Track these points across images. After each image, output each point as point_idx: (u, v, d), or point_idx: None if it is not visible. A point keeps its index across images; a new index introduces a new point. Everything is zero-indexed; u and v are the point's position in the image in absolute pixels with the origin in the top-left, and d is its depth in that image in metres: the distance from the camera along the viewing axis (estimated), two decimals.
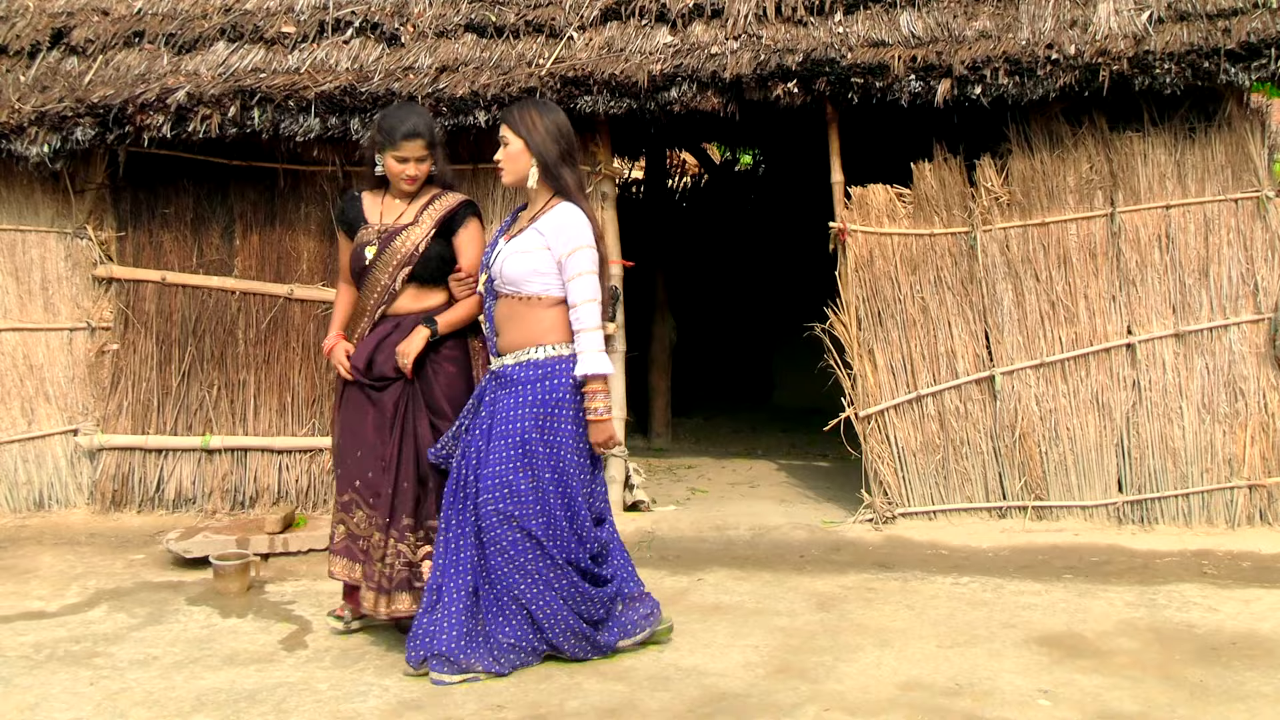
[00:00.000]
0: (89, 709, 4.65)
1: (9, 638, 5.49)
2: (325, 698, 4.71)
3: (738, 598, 5.90)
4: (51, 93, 7.13)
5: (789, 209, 12.03)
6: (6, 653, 5.29)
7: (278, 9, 7.53)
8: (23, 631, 5.58)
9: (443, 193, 5.34)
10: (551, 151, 4.88)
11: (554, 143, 4.89)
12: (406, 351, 5.10)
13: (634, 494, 7.38)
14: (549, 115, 4.95)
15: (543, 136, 4.89)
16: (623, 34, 7.15)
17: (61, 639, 5.48)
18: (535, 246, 4.84)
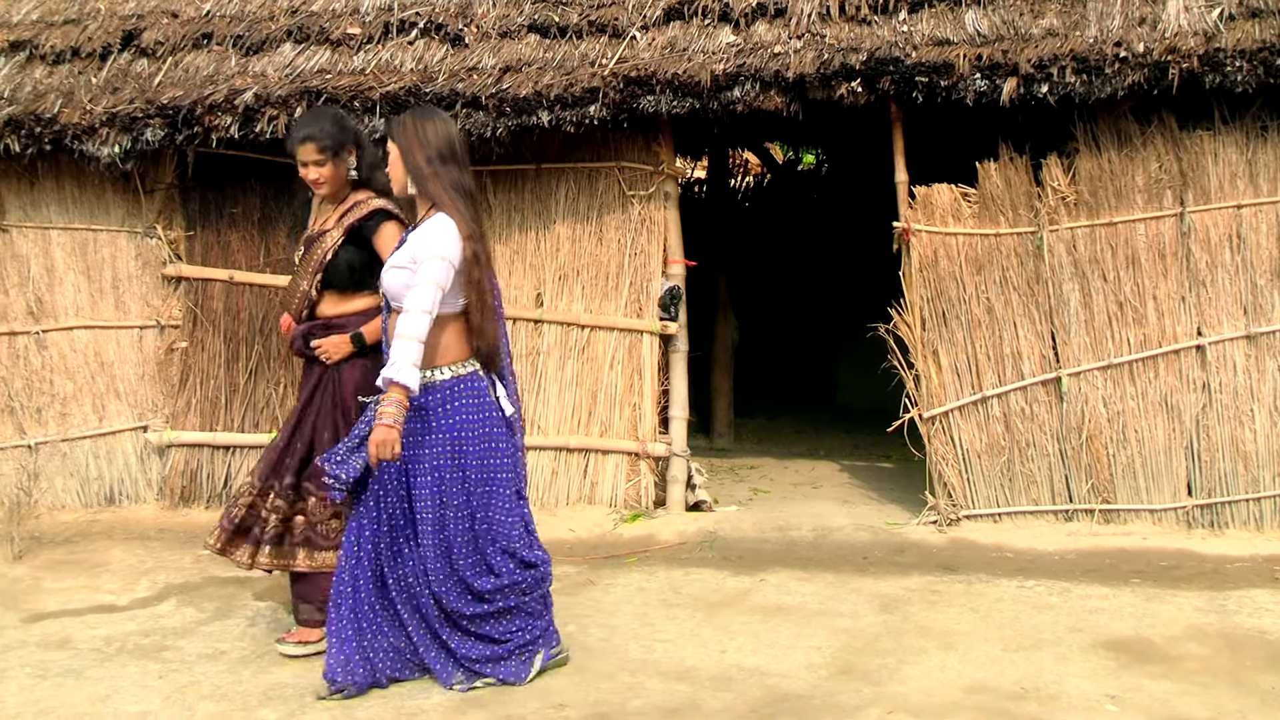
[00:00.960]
0: (158, 702, 4.71)
1: (80, 631, 5.58)
2: (390, 694, 4.75)
3: (800, 599, 5.88)
4: (122, 94, 7.23)
5: (852, 208, 11.97)
6: (78, 645, 5.38)
7: (343, 10, 7.59)
8: (94, 625, 5.67)
9: (367, 200, 5.25)
10: (418, 160, 4.74)
11: (421, 150, 4.74)
12: (327, 351, 5.19)
13: (696, 494, 7.37)
14: (424, 122, 4.81)
15: (410, 144, 4.78)
16: (685, 33, 7.15)
17: (131, 632, 5.56)
18: (406, 260, 4.72)
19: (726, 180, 12.43)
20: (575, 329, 7.39)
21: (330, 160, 5.20)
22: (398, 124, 4.85)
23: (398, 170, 4.83)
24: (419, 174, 4.74)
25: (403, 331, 4.51)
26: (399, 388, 4.48)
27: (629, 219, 7.36)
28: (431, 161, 4.73)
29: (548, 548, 6.73)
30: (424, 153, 4.74)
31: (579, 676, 4.90)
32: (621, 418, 7.38)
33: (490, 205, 7.42)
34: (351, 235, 5.19)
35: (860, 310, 8.58)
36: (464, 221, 4.67)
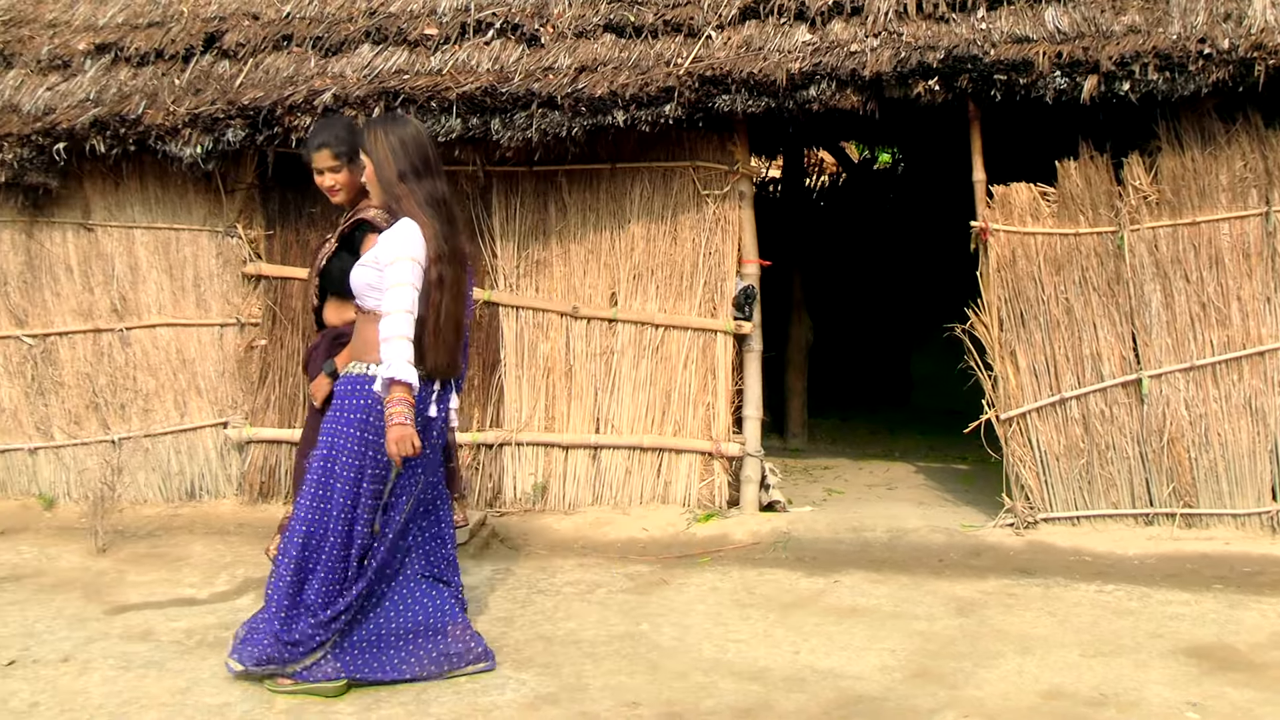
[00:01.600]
0: (237, 694, 4.77)
1: (162, 623, 5.68)
2: (464, 690, 4.78)
3: (875, 600, 5.85)
4: (204, 95, 7.33)
5: (929, 208, 11.88)
6: (160, 638, 5.47)
7: (421, 11, 7.65)
8: (175, 617, 5.76)
9: (366, 207, 5.24)
10: (390, 175, 4.78)
11: (394, 165, 4.77)
12: (314, 395, 5.38)
13: (770, 494, 7.35)
14: (393, 131, 4.82)
15: (383, 154, 4.80)
16: (761, 32, 7.12)
17: (211, 625, 5.65)
18: (371, 261, 4.77)
19: (802, 179, 12.38)
20: (649, 328, 7.39)
21: (345, 166, 5.28)
22: (367, 135, 4.87)
23: (373, 184, 4.88)
24: (391, 190, 4.80)
25: (389, 334, 4.58)
26: (401, 385, 4.55)
27: (704, 218, 7.36)
28: (405, 177, 4.77)
29: (621, 547, 6.78)
30: (396, 168, 4.78)
31: (652, 675, 4.90)
32: (695, 417, 7.37)
33: (565, 205, 7.45)
34: (343, 242, 5.27)
35: (936, 310, 8.52)
36: (433, 241, 4.70)
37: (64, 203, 7.79)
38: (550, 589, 6.11)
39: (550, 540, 6.98)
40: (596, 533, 7.06)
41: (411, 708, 4.62)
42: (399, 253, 4.65)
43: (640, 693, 4.72)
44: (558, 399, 7.51)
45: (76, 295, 7.85)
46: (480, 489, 7.54)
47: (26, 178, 7.49)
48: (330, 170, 5.29)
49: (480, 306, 7.51)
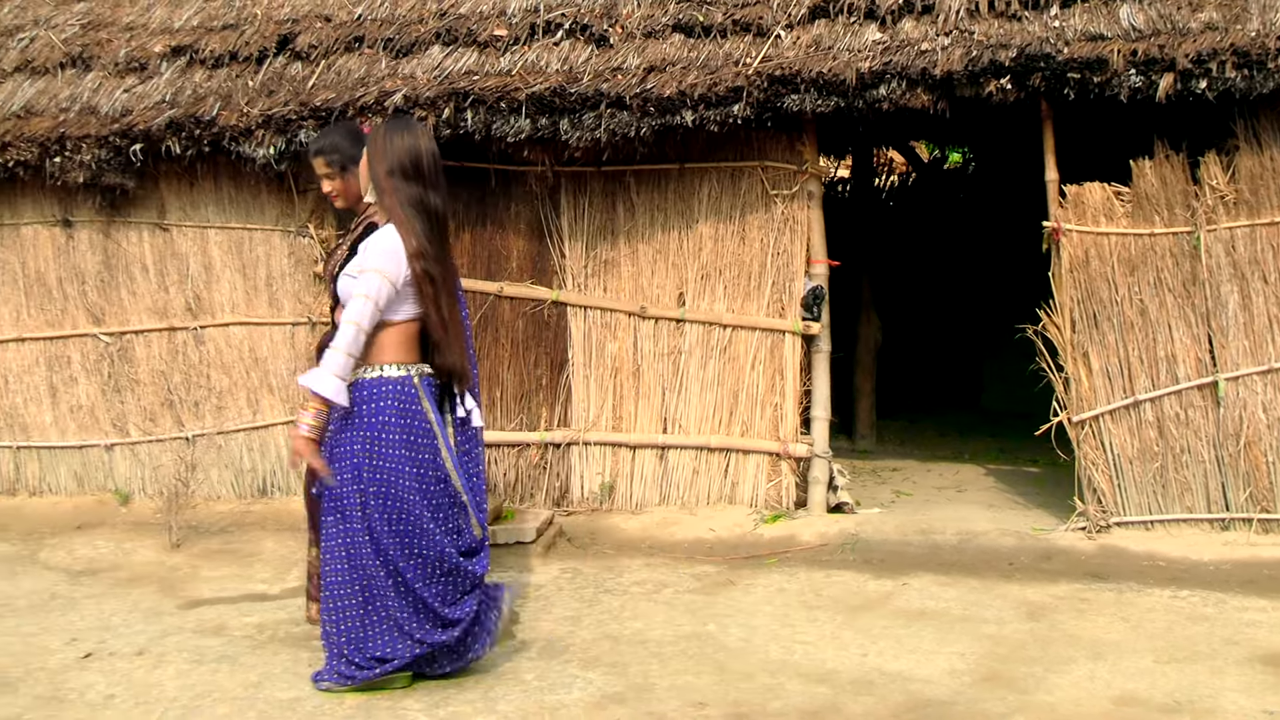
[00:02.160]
0: (308, 689, 4.82)
1: (234, 618, 5.75)
2: (531, 687, 4.80)
3: (944, 603, 5.80)
4: (277, 97, 7.41)
5: (1000, 208, 11.76)
6: (232, 632, 5.54)
7: (491, 12, 7.68)
8: (247, 612, 5.84)
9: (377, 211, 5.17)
10: (378, 171, 4.79)
11: (383, 162, 4.78)
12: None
13: (838, 495, 7.32)
14: (393, 134, 4.83)
15: (375, 151, 4.82)
16: (830, 32, 7.08)
17: (282, 621, 5.71)
18: (355, 270, 4.78)
19: (871, 179, 12.31)
20: (717, 328, 7.38)
21: (339, 175, 5.35)
22: (371, 137, 4.90)
23: (363, 178, 4.92)
24: (377, 185, 4.81)
25: (334, 344, 4.63)
26: (316, 397, 4.59)
27: (772, 218, 7.33)
28: (392, 174, 4.77)
29: (688, 547, 6.77)
30: (384, 165, 4.79)
31: (719, 676, 4.90)
32: (763, 418, 7.35)
33: (633, 205, 7.45)
34: (354, 248, 5.26)
35: (1007, 311, 8.43)
36: (412, 239, 4.69)
37: (140, 203, 7.91)
38: (617, 588, 6.12)
39: (617, 540, 6.99)
40: (663, 533, 7.06)
41: (479, 704, 4.64)
42: (369, 264, 4.69)
43: (707, 693, 4.72)
44: (625, 399, 7.52)
45: (152, 294, 7.97)
46: (547, 488, 7.57)
47: (104, 178, 7.62)
48: (325, 177, 5.36)
49: (548, 306, 7.54)
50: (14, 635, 5.56)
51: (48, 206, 8.01)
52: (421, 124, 4.95)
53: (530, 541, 6.70)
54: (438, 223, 4.82)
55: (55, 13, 8.53)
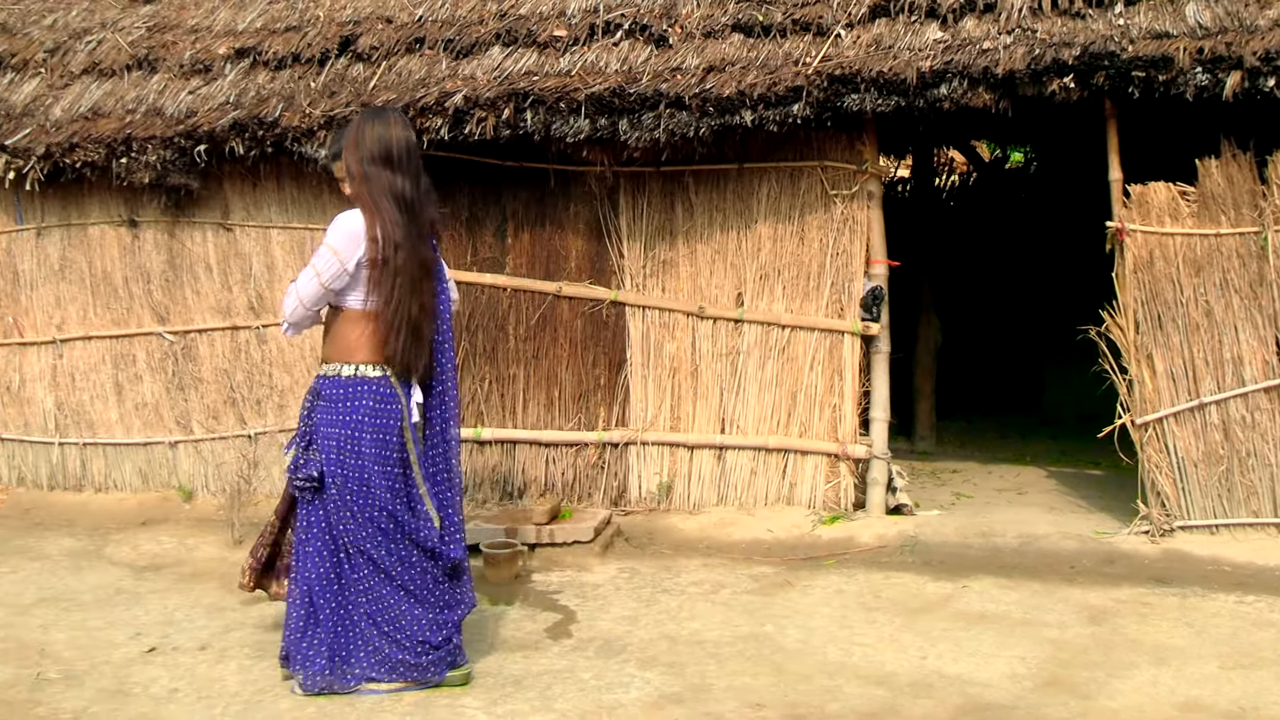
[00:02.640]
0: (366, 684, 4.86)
1: None
2: (588, 686, 4.81)
3: (1004, 607, 5.75)
4: (339, 98, 7.47)
5: (1062, 208, 11.64)
6: None
7: (550, 13, 7.70)
8: None
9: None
10: (352, 161, 4.80)
11: (356, 152, 4.79)
12: None
13: (897, 497, 7.28)
14: (366, 125, 4.83)
15: (350, 141, 4.84)
16: (891, 31, 7.05)
17: None
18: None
19: (931, 179, 12.23)
20: (775, 329, 7.36)
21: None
22: (349, 127, 4.93)
23: (344, 173, 4.93)
24: (352, 175, 4.81)
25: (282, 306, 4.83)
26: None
27: (831, 218, 7.30)
28: (363, 163, 4.77)
29: (746, 548, 6.76)
30: (358, 154, 4.79)
31: (776, 677, 4.88)
32: (821, 419, 7.32)
33: (692, 205, 7.45)
34: None
35: (1069, 312, 8.34)
36: (377, 223, 4.68)
37: (204, 203, 8.00)
38: (675, 588, 6.12)
39: (675, 540, 6.99)
40: (721, 533, 7.05)
41: (536, 703, 4.66)
42: (326, 239, 4.76)
43: (764, 694, 4.70)
44: (683, 399, 7.52)
45: (215, 293, 8.06)
46: (605, 488, 7.58)
47: (169, 179, 7.71)
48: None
49: (606, 306, 7.55)
50: (80, 629, 5.64)
51: (114, 207, 8.12)
52: (397, 114, 4.95)
53: (588, 541, 6.71)
54: (408, 210, 4.78)
55: (122, 15, 8.65)
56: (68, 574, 6.61)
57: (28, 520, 7.80)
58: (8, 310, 8.41)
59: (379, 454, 4.73)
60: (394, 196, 4.74)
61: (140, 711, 4.69)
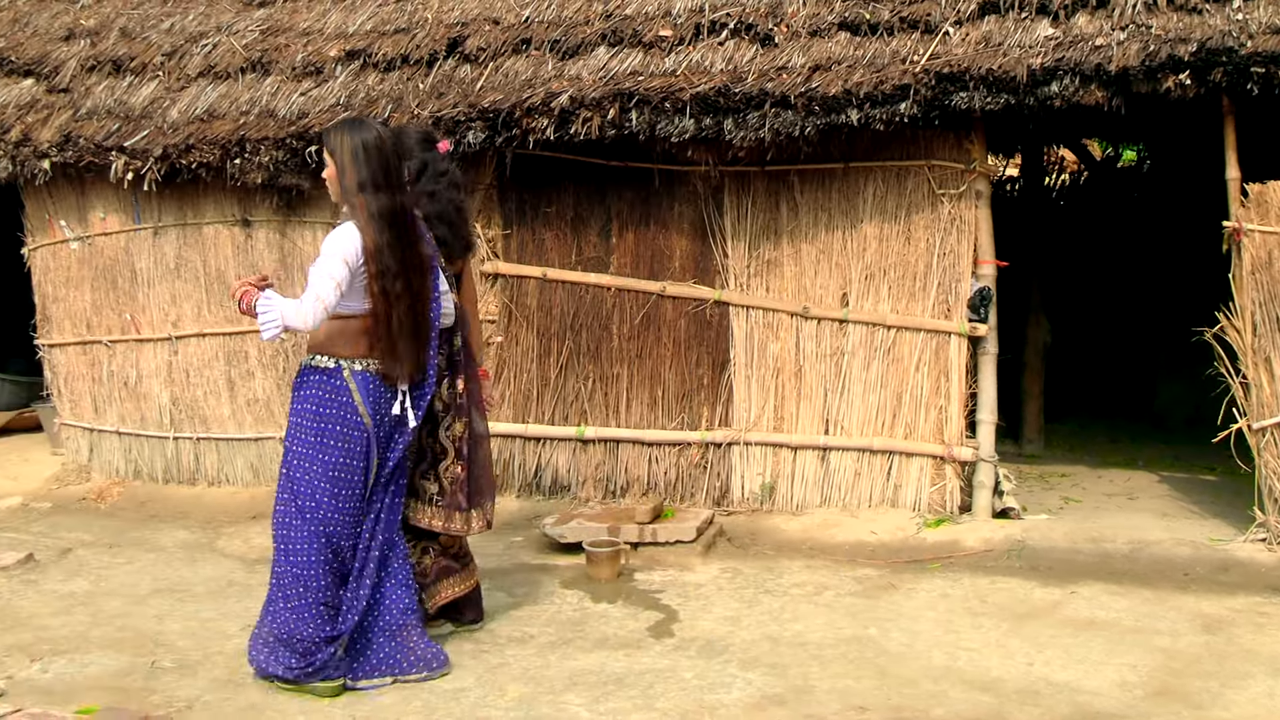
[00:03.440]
0: (471, 680, 4.92)
1: None
2: (690, 686, 4.81)
3: (1114, 614, 5.65)
4: (446, 99, 7.55)
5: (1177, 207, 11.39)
6: None
7: (656, 13, 7.71)
8: None
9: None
10: (348, 177, 4.87)
11: (352, 168, 4.86)
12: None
13: (1003, 501, 7.17)
14: (355, 136, 4.90)
15: (345, 160, 4.89)
16: (1001, 28, 6.95)
17: None
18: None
19: (1041, 178, 12.03)
20: (881, 329, 7.30)
21: None
22: (333, 137, 4.96)
23: (333, 184, 4.99)
24: (347, 197, 4.90)
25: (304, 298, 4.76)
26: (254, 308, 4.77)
27: (938, 218, 7.22)
28: (363, 188, 4.85)
29: (849, 549, 6.72)
30: (356, 177, 4.87)
31: (880, 680, 4.84)
32: (927, 420, 7.25)
33: (797, 204, 7.41)
34: None
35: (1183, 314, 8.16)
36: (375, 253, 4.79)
37: (314, 203, 8.12)
38: (777, 589, 6.10)
39: (777, 541, 6.96)
40: (824, 534, 7.01)
41: (638, 701, 4.67)
42: (328, 249, 4.83)
43: (867, 697, 4.67)
44: (787, 399, 7.48)
45: None
46: (708, 488, 7.58)
47: (281, 179, 7.85)
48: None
49: (710, 306, 7.54)
50: (193, 620, 5.77)
51: (228, 207, 8.30)
52: (375, 121, 5.06)
53: (690, 540, 6.71)
54: (407, 227, 4.91)
55: (237, 19, 8.83)
56: (182, 565, 6.77)
57: (143, 513, 8.01)
58: (125, 308, 8.63)
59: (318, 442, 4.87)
60: (386, 214, 4.85)
61: (250, 701, 4.78)
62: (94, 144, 8.14)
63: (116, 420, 8.79)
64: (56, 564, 6.84)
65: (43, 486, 8.72)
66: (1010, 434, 9.51)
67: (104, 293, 8.75)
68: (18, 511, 8.18)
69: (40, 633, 5.65)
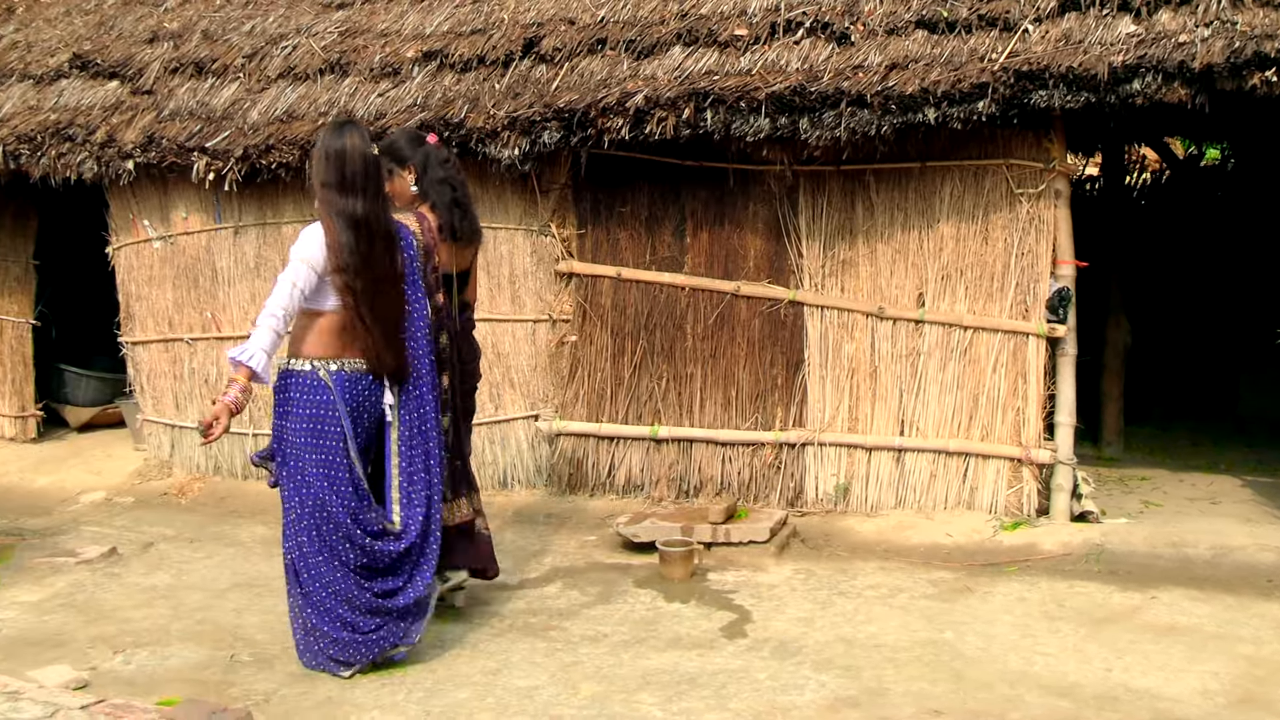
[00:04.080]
0: (544, 678, 4.94)
1: (475, 606, 5.91)
2: (763, 687, 4.80)
3: (1195, 620, 5.55)
4: (522, 99, 7.59)
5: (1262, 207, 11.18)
6: (473, 620, 5.71)
7: (731, 12, 7.69)
8: (487, 601, 5.99)
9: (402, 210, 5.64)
10: (317, 175, 5.05)
11: (318, 168, 5.04)
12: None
13: (1082, 504, 7.07)
14: (327, 141, 5.05)
15: (315, 161, 5.11)
16: (1081, 25, 6.85)
17: (520, 611, 5.85)
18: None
19: (1122, 177, 11.86)
20: (957, 330, 7.23)
21: (389, 176, 5.51)
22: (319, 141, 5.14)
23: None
24: (317, 190, 5.07)
25: (259, 321, 4.95)
26: (244, 368, 4.88)
27: (1016, 218, 7.14)
28: (326, 187, 5.01)
29: (924, 552, 6.67)
30: (319, 177, 5.05)
31: (955, 684, 4.80)
32: (1003, 422, 7.17)
33: (872, 204, 7.36)
34: None
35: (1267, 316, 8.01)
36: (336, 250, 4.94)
37: None
38: (851, 591, 6.07)
39: (851, 542, 6.92)
40: (899, 536, 6.96)
41: (711, 701, 4.67)
42: (294, 253, 5.02)
43: (943, 700, 4.63)
44: (861, 400, 7.44)
45: None
46: (781, 488, 7.55)
47: None
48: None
49: (784, 306, 7.51)
50: (271, 614, 5.84)
51: (306, 207, 8.37)
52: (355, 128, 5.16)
53: (764, 541, 6.69)
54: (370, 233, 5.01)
55: (316, 21, 8.93)
56: (260, 560, 6.86)
57: (223, 508, 8.12)
58: (206, 306, 8.76)
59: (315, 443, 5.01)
60: (347, 217, 4.99)
61: (327, 695, 4.84)
62: (177, 145, 8.28)
63: (197, 417, 8.91)
64: (139, 558, 6.96)
65: (125, 481, 8.88)
66: (1089, 436, 9.38)
67: (185, 291, 8.89)
68: (101, 506, 8.34)
69: (123, 625, 5.76)
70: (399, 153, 5.66)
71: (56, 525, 7.79)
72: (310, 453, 4.98)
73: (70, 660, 5.25)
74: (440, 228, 5.59)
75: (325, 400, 4.99)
